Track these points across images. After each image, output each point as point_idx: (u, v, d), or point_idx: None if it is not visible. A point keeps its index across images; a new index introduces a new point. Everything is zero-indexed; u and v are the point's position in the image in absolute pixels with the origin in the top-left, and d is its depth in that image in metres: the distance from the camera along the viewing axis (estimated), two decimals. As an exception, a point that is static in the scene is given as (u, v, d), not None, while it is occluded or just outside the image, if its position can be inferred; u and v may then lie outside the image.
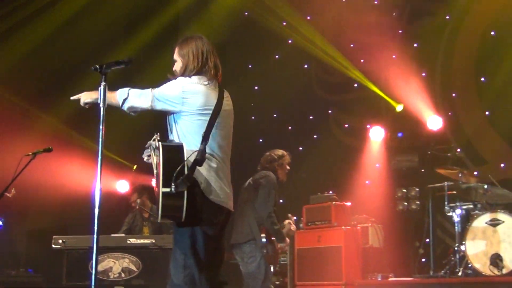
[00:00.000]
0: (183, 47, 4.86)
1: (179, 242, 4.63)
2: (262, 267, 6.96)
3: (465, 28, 10.78)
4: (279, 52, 12.26)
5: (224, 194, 4.64)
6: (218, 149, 4.66)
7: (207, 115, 4.61)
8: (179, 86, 4.64)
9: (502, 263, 7.50)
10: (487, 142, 10.39)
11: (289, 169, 7.49)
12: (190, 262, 4.54)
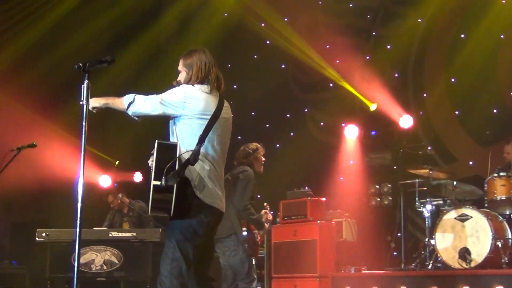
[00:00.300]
0: (188, 58, 4.95)
1: (169, 235, 4.67)
2: (245, 260, 6.98)
3: (436, 31, 10.84)
4: (257, 52, 12.27)
5: (216, 196, 4.68)
6: (213, 153, 4.72)
7: (205, 119, 4.68)
8: (182, 91, 4.73)
9: (470, 256, 7.54)
10: (456, 140, 10.46)
11: (264, 160, 7.51)
12: (178, 255, 4.58)
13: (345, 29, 11.51)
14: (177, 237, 4.60)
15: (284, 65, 12.08)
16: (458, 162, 10.25)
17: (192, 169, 4.56)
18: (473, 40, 10.24)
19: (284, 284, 8.79)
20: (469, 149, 10.23)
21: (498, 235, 7.57)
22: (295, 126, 11.80)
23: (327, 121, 11.60)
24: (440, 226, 7.93)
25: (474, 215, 7.70)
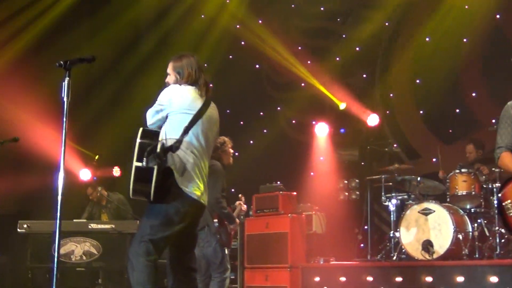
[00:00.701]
0: (177, 62, 4.98)
1: (144, 219, 4.67)
2: (218, 251, 6.97)
3: (403, 34, 10.89)
4: (233, 52, 12.24)
5: (196, 187, 4.66)
6: (198, 146, 4.72)
7: (190, 114, 4.70)
8: (169, 91, 4.80)
9: (432, 248, 7.59)
10: (421, 138, 10.53)
11: (233, 152, 7.52)
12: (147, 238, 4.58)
13: (316, 32, 11.54)
14: (151, 221, 4.60)
15: (258, 65, 12.08)
16: (422, 159, 10.31)
17: (176, 159, 4.56)
18: (437, 43, 10.32)
19: (256, 274, 8.79)
20: (432, 146, 10.29)
21: (459, 228, 7.64)
22: (268, 124, 11.80)
23: (298, 119, 11.61)
24: (404, 220, 7.97)
25: (437, 209, 7.75)
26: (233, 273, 9.18)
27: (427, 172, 9.40)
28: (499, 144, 4.83)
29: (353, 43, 11.26)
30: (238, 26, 11.93)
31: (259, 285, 8.71)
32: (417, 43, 10.59)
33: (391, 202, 8.61)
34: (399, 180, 8.82)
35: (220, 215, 7.00)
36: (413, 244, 7.79)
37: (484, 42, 9.98)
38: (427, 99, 10.45)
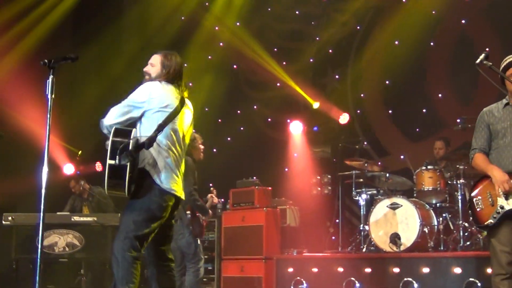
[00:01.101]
0: (168, 58, 4.89)
1: (127, 215, 4.58)
2: (191, 242, 6.96)
3: (373, 37, 10.92)
4: (211, 53, 12.20)
5: (175, 183, 4.64)
6: (173, 143, 4.67)
7: (166, 112, 4.62)
8: (147, 90, 4.67)
9: (400, 241, 7.63)
10: (390, 136, 10.58)
11: (203, 147, 7.52)
12: (132, 234, 4.51)
13: (291, 34, 11.55)
14: (135, 217, 4.52)
15: (235, 65, 12.05)
16: (391, 156, 10.35)
17: (148, 155, 4.52)
18: (406, 46, 10.35)
19: (232, 265, 8.79)
20: (401, 144, 10.35)
21: (425, 222, 7.69)
22: (244, 122, 11.78)
23: (274, 117, 11.61)
24: (373, 214, 8.01)
25: (404, 204, 7.80)
26: (210, 264, 9.18)
27: (395, 169, 9.44)
28: (474, 146, 4.96)
29: (326, 45, 11.28)
30: (216, 28, 11.90)
31: (235, 275, 8.70)
32: (387, 46, 10.63)
33: (361, 197, 8.64)
34: (368, 176, 8.87)
35: (194, 208, 7.00)
36: (382, 237, 7.83)
37: (450, 46, 10.06)
38: (396, 100, 10.51)
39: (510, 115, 4.77)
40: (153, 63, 4.88)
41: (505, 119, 4.78)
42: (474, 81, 9.06)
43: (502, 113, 4.82)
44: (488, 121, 4.86)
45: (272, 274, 8.38)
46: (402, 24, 10.37)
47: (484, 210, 4.72)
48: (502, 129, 4.77)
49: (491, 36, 9.59)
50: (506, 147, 4.74)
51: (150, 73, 4.84)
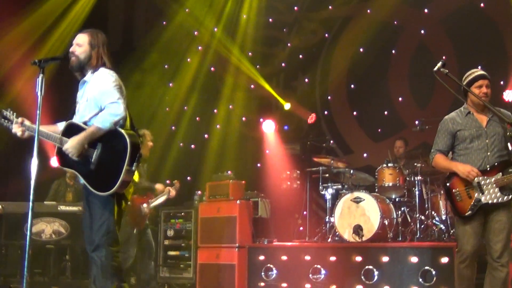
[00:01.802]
0: (95, 38, 4.53)
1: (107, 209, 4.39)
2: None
3: (340, 45, 10.97)
4: (190, 56, 12.14)
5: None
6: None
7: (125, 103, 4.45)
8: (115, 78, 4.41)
9: (362, 232, 7.66)
10: (354, 136, 10.64)
11: (151, 145, 7.47)
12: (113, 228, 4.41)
13: (265, 40, 11.54)
14: (112, 213, 4.40)
15: (213, 67, 12.01)
16: (355, 154, 10.41)
17: None
18: (370, 53, 10.43)
19: (208, 252, 8.75)
20: (364, 143, 10.41)
21: (385, 215, 7.73)
22: (221, 120, 11.75)
23: (248, 116, 11.60)
24: (338, 207, 8.02)
25: (366, 198, 7.82)
26: (187, 251, 9.15)
27: (358, 166, 9.51)
28: (434, 148, 5.20)
29: (297, 51, 11.31)
30: (196, 33, 11.85)
31: (211, 262, 8.67)
32: (352, 53, 10.69)
33: (327, 191, 8.66)
34: (334, 172, 8.89)
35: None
36: (345, 228, 7.85)
37: (409, 54, 10.15)
38: (360, 102, 10.57)
39: (474, 122, 5.04)
40: (79, 42, 4.49)
41: (471, 126, 5.03)
42: (431, 87, 9.16)
43: (466, 121, 5.06)
44: (453, 128, 5.09)
45: (244, 262, 8.36)
46: (366, 33, 10.44)
47: (463, 201, 4.95)
48: (470, 135, 5.01)
49: (447, 45, 9.70)
50: (476, 150, 4.99)
51: (79, 56, 4.46)
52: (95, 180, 4.34)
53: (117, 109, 4.28)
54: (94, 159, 4.32)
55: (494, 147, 4.97)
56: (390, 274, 7.18)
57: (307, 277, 7.76)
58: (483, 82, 5.02)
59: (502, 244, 4.84)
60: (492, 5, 9.33)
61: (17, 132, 4.37)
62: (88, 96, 4.45)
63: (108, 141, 4.33)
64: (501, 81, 8.96)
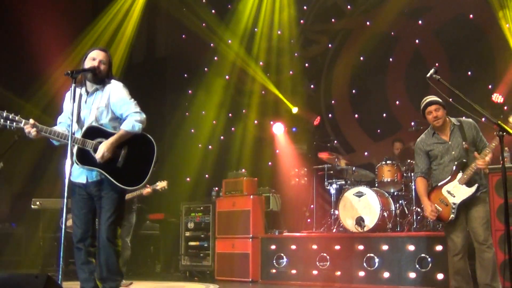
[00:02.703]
0: (108, 56, 4.62)
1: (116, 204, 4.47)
2: None
3: (342, 53, 10.94)
4: (208, 66, 12.17)
5: None
6: None
7: None
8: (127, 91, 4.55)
9: (363, 223, 7.65)
10: (356, 136, 10.60)
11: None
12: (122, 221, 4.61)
13: (274, 50, 11.54)
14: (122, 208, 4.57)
15: (228, 76, 12.03)
16: (356, 153, 10.38)
17: None
18: (369, 61, 10.40)
19: (225, 242, 8.77)
20: (365, 143, 10.38)
21: (385, 208, 7.72)
22: (235, 123, 11.76)
23: (259, 120, 11.60)
24: (342, 200, 8.02)
25: (367, 193, 7.82)
26: (206, 241, 9.17)
27: (360, 163, 9.48)
28: (416, 170, 5.47)
29: (303, 60, 11.30)
30: (212, 45, 11.88)
31: (227, 251, 8.69)
32: (353, 61, 10.66)
33: (332, 187, 8.67)
34: (338, 169, 8.87)
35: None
36: (349, 219, 7.85)
37: (405, 61, 10.10)
38: (361, 106, 10.54)
39: (440, 140, 5.31)
40: (101, 59, 4.52)
41: (437, 145, 5.31)
42: (425, 91, 9.02)
43: (433, 140, 5.34)
44: (425, 149, 5.37)
45: (257, 251, 8.38)
46: (366, 43, 10.41)
47: (443, 210, 5.14)
48: (440, 152, 5.28)
49: (440, 53, 9.64)
50: (444, 166, 5.25)
51: (102, 71, 4.51)
52: (121, 177, 4.39)
53: (142, 118, 4.45)
54: (121, 159, 4.39)
55: (459, 157, 5.18)
56: (390, 261, 7.17)
57: (315, 264, 7.77)
58: (431, 108, 5.30)
59: (484, 228, 5.01)
60: (480, 16, 9.27)
61: (31, 132, 4.33)
62: (104, 103, 4.49)
63: (135, 144, 4.44)
64: (490, 85, 8.90)
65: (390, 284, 6.99)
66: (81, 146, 4.36)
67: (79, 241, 4.49)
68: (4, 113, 4.32)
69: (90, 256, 4.48)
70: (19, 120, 4.35)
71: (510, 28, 8.72)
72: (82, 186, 4.48)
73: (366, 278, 7.30)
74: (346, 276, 7.49)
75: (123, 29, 11.49)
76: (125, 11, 11.53)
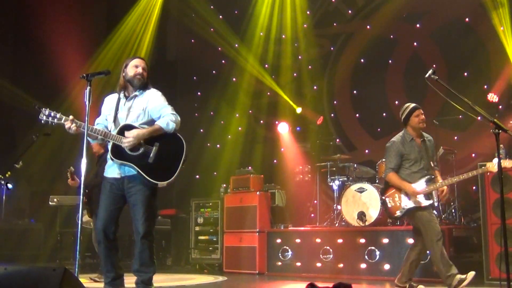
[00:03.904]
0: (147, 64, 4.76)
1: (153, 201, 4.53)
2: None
3: (344, 56, 10.90)
4: (216, 69, 12.17)
5: None
6: None
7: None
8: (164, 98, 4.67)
9: (365, 217, 7.65)
10: (357, 135, 10.57)
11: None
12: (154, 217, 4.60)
13: (279, 53, 11.53)
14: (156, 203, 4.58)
15: (235, 78, 12.02)
16: (358, 151, 10.35)
17: None
18: (369, 64, 10.38)
19: (233, 236, 8.79)
20: (366, 141, 10.35)
21: (385, 203, 7.70)
22: (242, 123, 11.74)
23: (265, 119, 11.59)
24: (344, 196, 8.02)
25: (368, 188, 7.82)
26: (215, 236, 9.18)
27: (361, 161, 9.47)
28: (388, 166, 5.64)
29: (307, 62, 11.27)
30: (219, 49, 11.87)
31: (235, 245, 8.70)
32: (354, 63, 10.63)
33: (334, 183, 8.66)
34: (340, 166, 8.86)
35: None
36: (351, 214, 7.85)
37: (404, 63, 10.06)
38: (362, 105, 10.51)
39: (416, 147, 5.55)
40: (144, 66, 4.70)
41: (414, 151, 5.52)
42: (423, 91, 9.04)
43: (410, 146, 5.54)
44: (401, 150, 5.56)
45: (264, 244, 8.39)
46: (366, 46, 10.39)
47: (394, 207, 5.55)
48: (414, 158, 5.49)
49: (437, 55, 9.60)
50: (416, 172, 5.48)
51: (145, 77, 4.68)
52: (153, 172, 4.42)
53: (177, 119, 4.54)
54: (153, 155, 4.43)
55: (427, 165, 5.51)
56: (390, 254, 7.17)
57: (318, 257, 7.77)
58: (418, 112, 5.58)
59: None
60: (475, 19, 9.23)
61: (71, 127, 4.38)
62: (142, 106, 4.59)
63: (166, 142, 4.49)
64: (485, 85, 8.86)
65: (390, 276, 6.97)
66: (115, 142, 4.42)
67: (101, 234, 4.49)
68: (46, 111, 4.40)
69: (112, 250, 4.53)
70: (60, 117, 4.42)
71: (504, 30, 8.68)
72: (115, 182, 4.51)
73: (367, 270, 7.30)
74: (348, 268, 7.48)
75: (140, 36, 11.56)
76: (142, 20, 11.61)
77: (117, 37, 11.34)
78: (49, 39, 10.44)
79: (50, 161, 10.53)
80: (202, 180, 11.43)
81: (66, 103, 10.60)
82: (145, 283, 4.43)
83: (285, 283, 7.16)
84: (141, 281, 4.43)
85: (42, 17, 10.58)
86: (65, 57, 10.38)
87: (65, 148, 10.22)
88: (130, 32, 11.47)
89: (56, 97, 10.67)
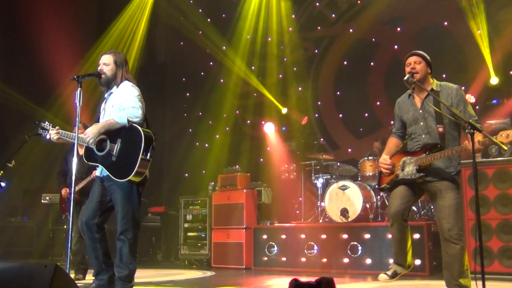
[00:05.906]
0: (117, 57, 4.51)
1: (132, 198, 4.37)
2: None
3: (328, 59, 10.95)
4: (204, 70, 12.16)
5: None
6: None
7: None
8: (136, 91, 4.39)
9: (348, 214, 7.69)
10: (340, 134, 10.62)
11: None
12: (137, 214, 4.45)
13: (265, 56, 11.54)
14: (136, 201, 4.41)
15: (222, 80, 12.02)
16: (341, 149, 10.39)
17: None
18: (352, 66, 10.42)
19: (220, 233, 8.78)
20: (348, 140, 10.40)
21: (367, 200, 7.75)
22: (230, 123, 11.75)
23: (252, 119, 11.60)
24: (328, 193, 8.05)
25: (351, 186, 7.85)
26: (203, 232, 9.17)
27: (344, 159, 9.51)
28: (394, 130, 4.68)
29: (292, 64, 11.29)
30: (208, 51, 11.85)
31: (223, 241, 8.70)
32: (338, 65, 10.67)
33: (318, 181, 8.69)
34: (324, 165, 8.90)
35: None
36: (334, 211, 7.88)
37: (385, 65, 10.12)
38: (345, 106, 10.55)
39: (411, 106, 4.45)
40: (106, 62, 4.48)
41: (409, 110, 4.44)
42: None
43: (407, 104, 4.49)
44: (398, 113, 4.57)
45: (250, 240, 8.39)
46: (349, 49, 10.44)
47: (387, 176, 4.48)
48: (408, 119, 4.43)
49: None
50: (415, 134, 4.37)
51: (106, 74, 4.45)
52: (116, 170, 4.29)
53: (135, 112, 4.26)
54: (115, 152, 4.30)
55: (428, 129, 4.27)
56: (372, 249, 7.21)
57: (303, 252, 7.79)
58: (410, 60, 4.50)
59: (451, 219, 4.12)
60: (454, 24, 9.32)
61: (53, 137, 4.53)
62: (113, 103, 4.45)
63: (126, 136, 4.29)
64: (463, 87, 8.91)
65: (372, 270, 7.02)
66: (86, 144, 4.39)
67: (84, 226, 4.42)
68: (43, 124, 4.57)
69: (96, 242, 4.42)
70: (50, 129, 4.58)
71: (481, 34, 8.77)
72: (100, 179, 4.49)
73: (350, 264, 7.33)
74: (332, 262, 7.51)
75: (130, 39, 11.52)
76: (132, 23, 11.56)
77: (108, 40, 11.29)
78: (40, 40, 10.37)
79: (42, 160, 10.46)
80: (191, 178, 11.42)
81: (57, 104, 10.55)
82: (121, 279, 4.33)
83: (271, 278, 7.17)
84: (118, 277, 4.37)
85: (34, 18, 10.50)
86: (57, 57, 10.32)
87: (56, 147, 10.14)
88: (120, 34, 11.44)
89: (47, 97, 10.61)
